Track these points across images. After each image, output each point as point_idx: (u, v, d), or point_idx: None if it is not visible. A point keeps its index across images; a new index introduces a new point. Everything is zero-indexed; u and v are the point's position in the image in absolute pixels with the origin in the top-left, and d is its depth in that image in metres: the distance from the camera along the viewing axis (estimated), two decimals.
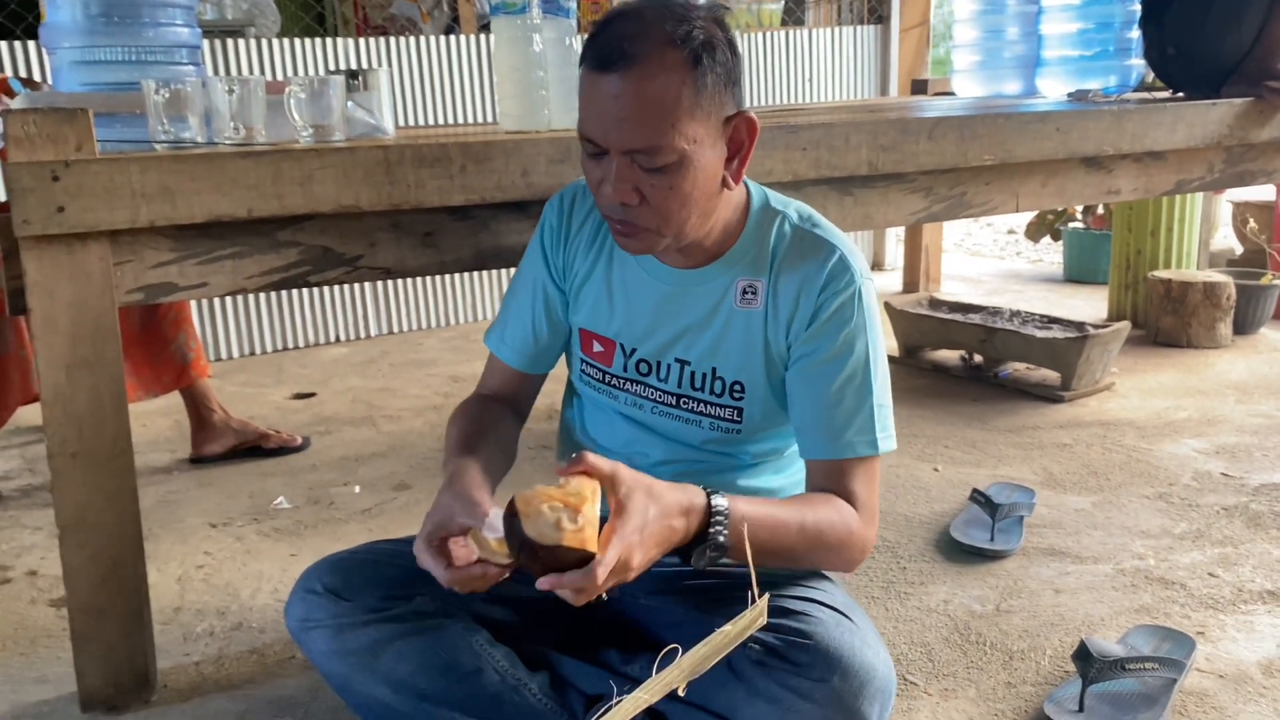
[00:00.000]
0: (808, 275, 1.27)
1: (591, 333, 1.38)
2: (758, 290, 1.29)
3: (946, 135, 2.04)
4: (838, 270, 1.27)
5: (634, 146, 1.15)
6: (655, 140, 1.15)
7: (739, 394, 1.31)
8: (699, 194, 1.20)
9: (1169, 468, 2.36)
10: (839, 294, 1.26)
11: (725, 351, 1.31)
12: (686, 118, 1.15)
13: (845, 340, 1.26)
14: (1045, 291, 4.39)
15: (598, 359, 1.38)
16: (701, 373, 1.32)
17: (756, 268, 1.30)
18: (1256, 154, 2.63)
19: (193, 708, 1.54)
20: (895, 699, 1.19)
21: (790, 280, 1.28)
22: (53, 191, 1.36)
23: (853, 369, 1.26)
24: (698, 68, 1.16)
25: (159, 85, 1.59)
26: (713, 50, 1.17)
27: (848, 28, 4.76)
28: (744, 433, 1.33)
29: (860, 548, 1.25)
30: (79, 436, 1.46)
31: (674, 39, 1.15)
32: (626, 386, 1.37)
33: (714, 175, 1.22)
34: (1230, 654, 1.60)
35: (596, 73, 1.16)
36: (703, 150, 1.18)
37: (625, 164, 1.17)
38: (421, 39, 3.89)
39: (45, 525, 2.21)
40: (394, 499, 2.34)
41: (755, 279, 1.30)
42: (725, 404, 1.32)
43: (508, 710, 1.23)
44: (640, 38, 1.14)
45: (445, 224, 1.66)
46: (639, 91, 1.14)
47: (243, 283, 1.55)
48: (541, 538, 1.01)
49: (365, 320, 3.92)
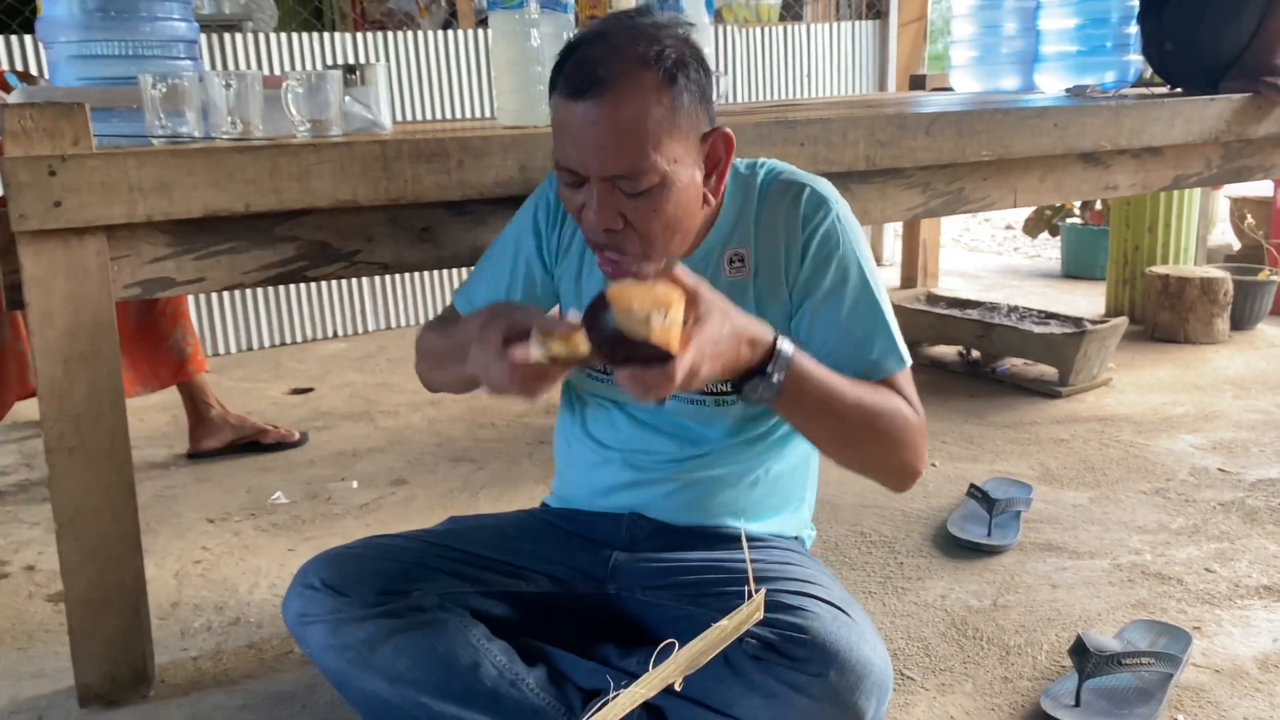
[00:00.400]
0: (786, 220, 1.29)
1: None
2: (745, 258, 1.30)
3: (944, 131, 2.04)
4: (811, 204, 1.29)
5: (615, 172, 1.15)
6: (637, 164, 1.14)
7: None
8: (682, 213, 1.21)
9: (1166, 463, 2.36)
10: (820, 225, 1.28)
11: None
12: (666, 138, 1.15)
13: (839, 268, 1.27)
14: (1043, 287, 4.39)
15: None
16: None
17: (741, 237, 1.31)
18: (1254, 149, 2.63)
19: (190, 703, 1.55)
20: (892, 694, 1.19)
21: (774, 234, 1.29)
22: (49, 186, 1.36)
23: (855, 293, 1.27)
24: (673, 87, 1.15)
25: (156, 80, 1.59)
26: (686, 68, 1.17)
27: (846, 23, 4.76)
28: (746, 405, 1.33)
29: (915, 447, 1.24)
30: (76, 431, 1.46)
31: (647, 60, 1.14)
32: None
33: (695, 194, 1.22)
34: (1226, 649, 1.61)
35: (570, 100, 1.15)
36: (683, 169, 1.18)
37: (606, 190, 1.16)
38: (419, 34, 3.88)
39: (43, 520, 2.21)
40: (392, 494, 2.34)
41: (740, 247, 1.31)
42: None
43: (505, 705, 1.23)
44: (613, 61, 1.14)
45: (443, 219, 1.66)
46: (616, 116, 1.13)
47: (240, 278, 1.55)
48: (631, 332, 1.00)
49: (363, 315, 3.92)
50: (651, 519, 1.38)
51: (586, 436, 1.42)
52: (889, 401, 1.24)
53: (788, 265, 1.29)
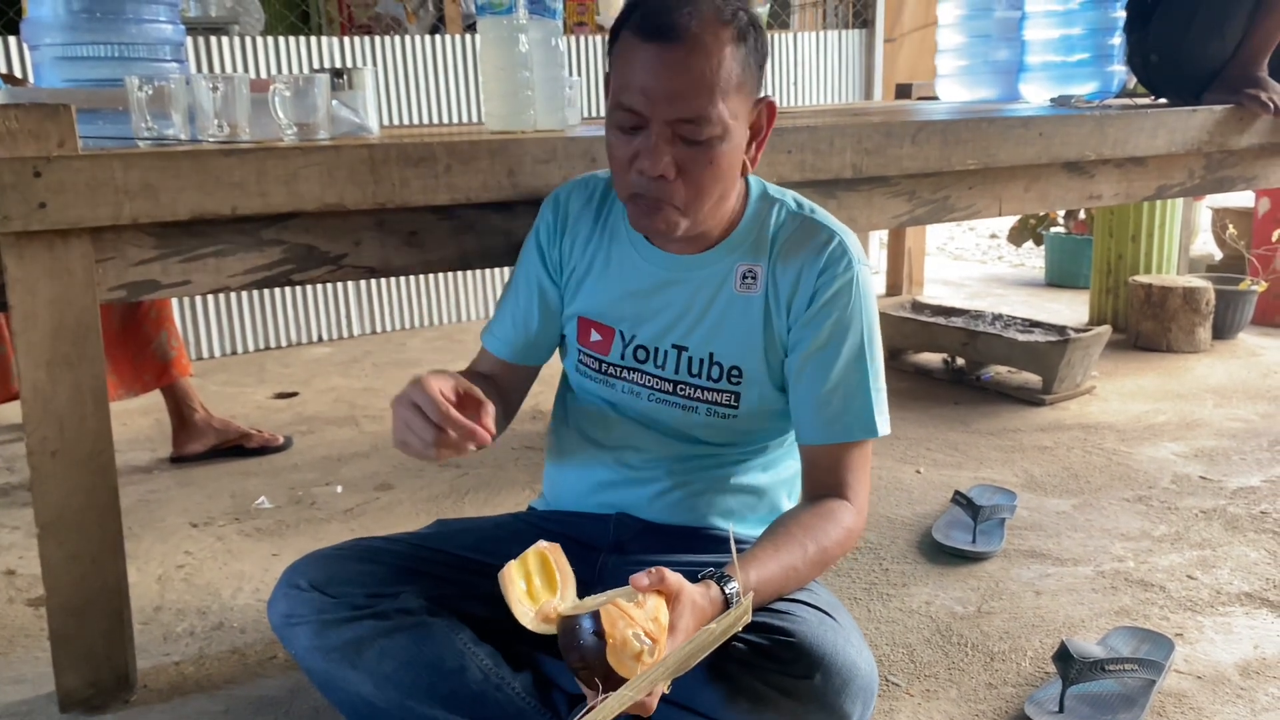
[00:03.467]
0: (807, 259, 1.29)
1: (590, 320, 1.39)
2: (757, 275, 1.31)
3: (930, 139, 2.05)
4: (836, 254, 1.29)
5: (683, 115, 1.17)
6: (706, 110, 1.16)
7: (736, 379, 1.33)
8: (729, 172, 1.23)
9: (1148, 471, 2.37)
10: (837, 278, 1.28)
11: (724, 336, 1.32)
12: (733, 92, 1.18)
13: (842, 324, 1.28)
14: (1027, 295, 4.42)
15: (595, 348, 1.39)
16: (699, 358, 1.33)
17: (756, 253, 1.32)
18: (1236, 160, 2.65)
19: (173, 707, 1.53)
20: (877, 699, 1.20)
21: (790, 264, 1.30)
22: (34, 188, 1.35)
23: (850, 353, 1.29)
24: (744, 45, 1.19)
25: (142, 82, 1.58)
26: (756, 30, 1.21)
27: (833, 31, 4.78)
28: (739, 418, 1.34)
29: (854, 541, 1.29)
30: (59, 435, 1.45)
31: (724, 15, 1.18)
32: (624, 375, 1.37)
33: (740, 156, 1.25)
34: (1208, 655, 1.62)
35: (647, 41, 1.17)
36: (739, 127, 1.22)
37: (667, 135, 1.18)
38: (406, 38, 3.88)
39: (24, 524, 2.20)
40: (376, 499, 2.33)
41: (755, 264, 1.31)
42: (722, 389, 1.34)
43: (491, 709, 1.23)
44: (693, 11, 1.16)
45: (430, 223, 1.66)
46: (693, 63, 1.15)
47: (226, 281, 1.54)
48: (619, 667, 1.00)
49: (348, 320, 3.91)
50: (638, 519, 1.38)
51: (579, 434, 1.43)
52: (831, 529, 1.25)
53: (795, 301, 1.30)
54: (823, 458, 1.30)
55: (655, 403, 1.37)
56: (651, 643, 1.01)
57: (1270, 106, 2.49)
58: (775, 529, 1.26)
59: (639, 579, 1.06)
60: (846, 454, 1.29)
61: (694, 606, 1.09)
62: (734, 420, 1.35)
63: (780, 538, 1.23)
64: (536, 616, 1.07)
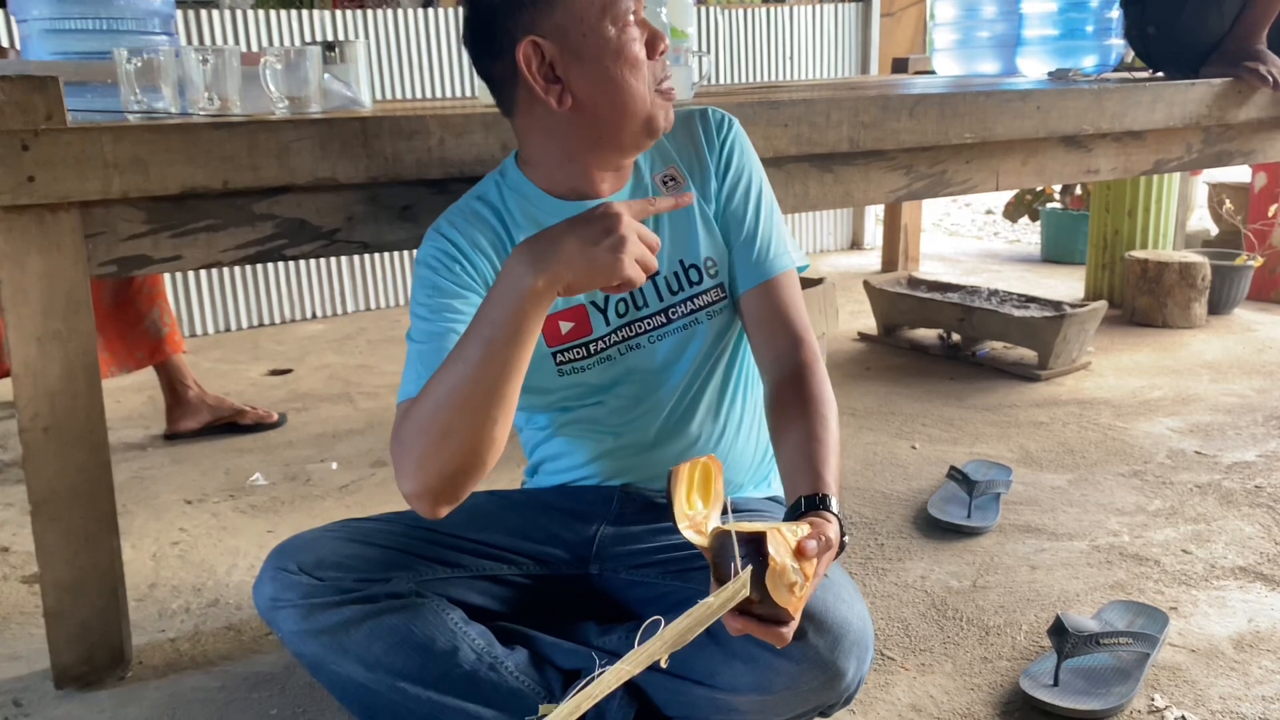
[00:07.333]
0: (695, 136, 1.38)
1: (554, 316, 1.30)
2: (676, 176, 1.36)
3: (927, 113, 2.04)
4: (712, 118, 1.39)
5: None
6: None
7: (713, 269, 1.35)
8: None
9: (1144, 446, 2.38)
10: (728, 133, 1.38)
11: (679, 240, 1.34)
12: None
13: (750, 171, 1.39)
14: (1023, 271, 4.41)
15: (574, 336, 1.32)
16: (672, 273, 1.34)
17: (663, 160, 1.37)
18: (1234, 134, 2.64)
19: (168, 684, 1.53)
20: (873, 663, 1.19)
21: (687, 150, 1.37)
22: (22, 161, 1.34)
23: (758, 194, 1.38)
24: None
25: (131, 54, 1.56)
26: None
27: (829, 5, 4.74)
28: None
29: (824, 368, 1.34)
30: (51, 410, 1.44)
31: None
32: (617, 337, 1.33)
33: None
34: (1202, 629, 1.62)
35: None
36: None
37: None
38: (399, 12, 3.85)
39: (17, 501, 2.19)
40: (371, 475, 2.33)
41: (665, 166, 1.37)
42: (707, 286, 1.35)
43: (484, 688, 1.22)
44: None
45: (423, 197, 1.64)
46: None
47: (218, 256, 1.53)
48: (774, 593, 1.01)
49: (342, 296, 3.90)
50: (643, 492, 1.38)
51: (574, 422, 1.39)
52: (826, 385, 1.28)
53: (712, 174, 1.36)
54: (762, 298, 1.34)
55: (657, 342, 1.34)
56: (804, 579, 1.03)
57: (1269, 80, 2.47)
58: (794, 424, 1.23)
59: (809, 542, 1.06)
60: (781, 286, 1.34)
61: (833, 553, 1.10)
62: (733, 309, 1.38)
63: (824, 441, 1.21)
64: (690, 525, 1.08)
